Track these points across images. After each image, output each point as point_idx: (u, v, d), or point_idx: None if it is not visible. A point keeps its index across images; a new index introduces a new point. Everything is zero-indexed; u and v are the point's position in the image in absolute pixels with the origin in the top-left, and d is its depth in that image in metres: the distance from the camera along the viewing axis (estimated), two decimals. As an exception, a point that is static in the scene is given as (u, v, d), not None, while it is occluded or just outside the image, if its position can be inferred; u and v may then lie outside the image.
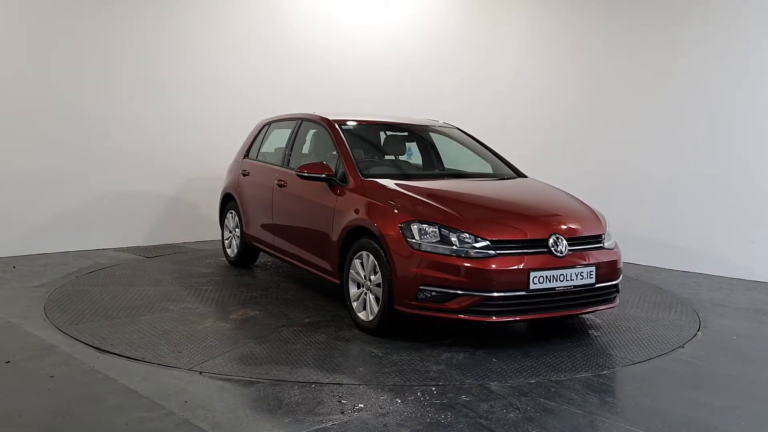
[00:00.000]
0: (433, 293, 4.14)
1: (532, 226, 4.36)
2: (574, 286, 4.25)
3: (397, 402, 3.46)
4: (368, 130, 5.91)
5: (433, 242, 4.18)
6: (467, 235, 4.16)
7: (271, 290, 5.77)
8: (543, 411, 3.41)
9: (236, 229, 6.52)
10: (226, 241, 6.77)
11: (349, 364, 3.99)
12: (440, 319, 4.26)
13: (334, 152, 5.28)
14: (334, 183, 5.01)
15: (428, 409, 3.39)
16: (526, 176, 5.60)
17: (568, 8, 8.14)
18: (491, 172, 5.66)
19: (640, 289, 6.24)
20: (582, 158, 7.98)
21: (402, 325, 4.48)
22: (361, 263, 4.57)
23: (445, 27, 8.99)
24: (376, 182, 4.84)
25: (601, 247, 4.51)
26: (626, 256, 7.38)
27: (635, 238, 7.49)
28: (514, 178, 5.54)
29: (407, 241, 4.22)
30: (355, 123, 5.74)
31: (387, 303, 4.32)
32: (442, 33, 8.97)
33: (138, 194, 7.37)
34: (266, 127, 6.56)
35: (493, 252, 4.13)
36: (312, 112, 5.93)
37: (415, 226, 4.25)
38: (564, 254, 4.25)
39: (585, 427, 3.28)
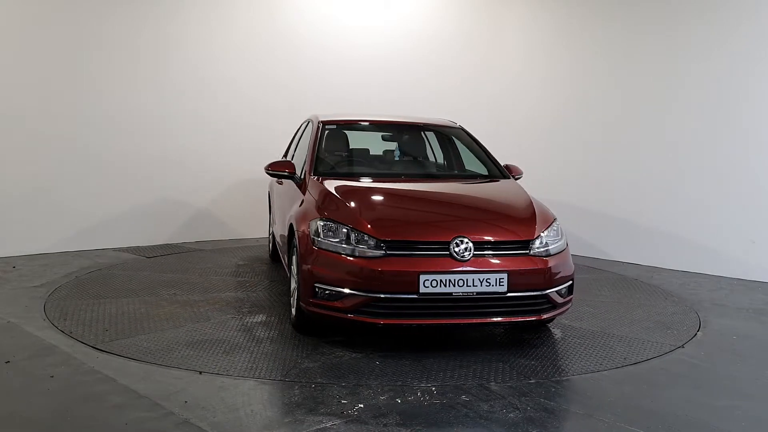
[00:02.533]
0: (327, 291, 4.11)
1: (438, 228, 4.23)
2: (477, 293, 3.99)
3: (397, 402, 3.46)
4: (359, 129, 5.99)
5: (331, 241, 4.15)
6: (364, 236, 4.08)
7: (275, 284, 5.89)
8: (543, 411, 3.41)
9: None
10: (270, 236, 7.01)
11: (230, 355, 4.07)
12: (345, 320, 4.13)
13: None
14: (297, 181, 5.13)
15: (428, 409, 3.39)
16: (509, 177, 5.34)
17: (568, 9, 8.13)
18: (470, 173, 5.54)
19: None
20: (582, 158, 7.97)
21: (312, 322, 4.40)
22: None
23: (446, 27, 8.98)
24: (319, 181, 4.86)
25: (525, 254, 4.18)
26: (627, 256, 7.53)
27: (635, 238, 7.51)
28: (491, 179, 5.33)
29: (310, 239, 4.24)
30: (346, 123, 5.87)
31: (297, 300, 4.38)
32: (442, 33, 8.96)
33: (138, 194, 7.36)
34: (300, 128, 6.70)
35: (384, 252, 4.02)
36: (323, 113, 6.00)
37: (320, 224, 4.25)
38: (467, 258, 4.02)
39: (585, 427, 3.28)
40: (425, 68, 8.84)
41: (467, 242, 4.06)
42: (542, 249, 4.25)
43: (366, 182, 5.00)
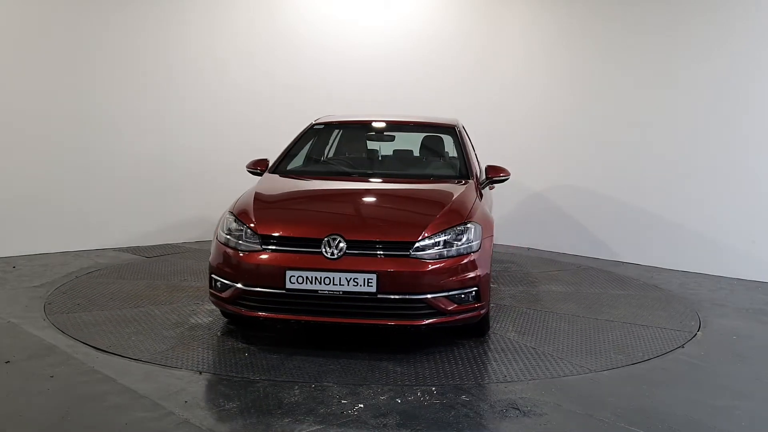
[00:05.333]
0: (217, 283, 4.28)
1: (315, 226, 4.21)
2: (344, 293, 3.93)
3: (397, 402, 3.46)
4: (350, 129, 6.05)
5: (227, 234, 4.30)
6: (249, 230, 4.20)
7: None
8: (543, 411, 3.41)
9: None
10: None
11: (136, 336, 4.36)
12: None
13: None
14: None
15: (428, 409, 3.39)
16: (471, 180, 5.07)
17: (568, 9, 8.12)
18: (436, 174, 5.40)
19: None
20: (582, 158, 7.96)
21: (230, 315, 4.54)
22: None
23: (446, 27, 8.97)
24: (265, 177, 5.12)
25: (404, 255, 4.02)
26: (627, 256, 7.53)
27: (636, 238, 7.51)
28: (456, 180, 5.08)
29: (216, 232, 4.43)
30: (338, 123, 5.98)
31: None
32: (442, 33, 8.95)
33: (138, 194, 7.36)
34: None
35: (260, 247, 4.11)
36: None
37: (226, 218, 4.42)
38: (336, 256, 3.98)
39: (585, 427, 3.28)
40: (425, 68, 8.83)
41: (340, 241, 4.02)
42: (428, 251, 4.06)
43: (307, 181, 5.19)
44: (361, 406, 3.40)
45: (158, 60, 7.43)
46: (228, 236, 4.28)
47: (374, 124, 6.02)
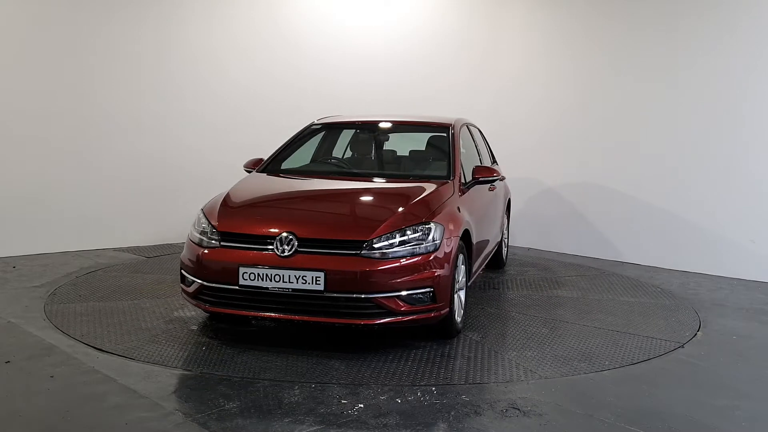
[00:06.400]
0: (186, 278, 4.39)
1: (270, 223, 4.22)
2: (293, 290, 3.96)
3: (397, 402, 3.46)
4: (347, 130, 6.10)
5: (196, 232, 4.40)
6: (212, 227, 4.31)
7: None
8: (543, 411, 3.41)
9: None
10: None
11: (112, 327, 4.52)
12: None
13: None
14: None
15: (428, 409, 3.39)
16: (448, 181, 4.92)
17: (568, 9, 8.13)
18: (422, 174, 5.30)
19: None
20: (582, 158, 7.97)
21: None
22: None
23: (446, 27, 8.98)
24: (246, 177, 5.25)
25: (356, 254, 3.99)
26: (627, 256, 7.53)
27: (635, 238, 7.51)
28: (437, 181, 4.91)
29: (190, 229, 4.52)
30: (334, 124, 6.01)
31: None
32: (442, 33, 8.96)
33: (138, 194, 7.36)
34: None
35: (218, 243, 4.20)
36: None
37: (198, 215, 4.54)
38: (286, 254, 4.01)
39: (585, 427, 3.28)
40: (425, 68, 8.83)
41: (291, 239, 4.06)
42: (381, 251, 4.02)
43: (285, 180, 5.21)
44: (361, 406, 3.40)
45: (158, 60, 7.43)
46: (196, 233, 4.39)
47: (370, 125, 6.00)
